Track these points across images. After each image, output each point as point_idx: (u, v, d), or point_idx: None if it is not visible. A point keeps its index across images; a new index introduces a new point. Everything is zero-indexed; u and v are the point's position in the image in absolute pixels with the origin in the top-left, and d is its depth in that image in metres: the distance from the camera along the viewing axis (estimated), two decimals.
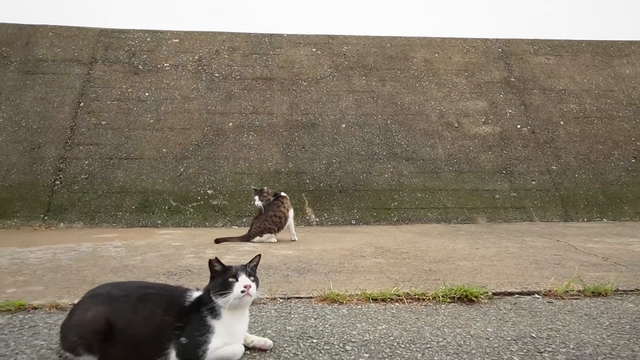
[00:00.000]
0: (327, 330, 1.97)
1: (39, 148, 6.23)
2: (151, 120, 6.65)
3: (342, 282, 2.80)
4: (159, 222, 5.69)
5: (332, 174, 6.43)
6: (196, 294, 1.70)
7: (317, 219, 5.95)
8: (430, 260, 3.43)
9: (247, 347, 1.70)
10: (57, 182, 5.96)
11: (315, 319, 2.16)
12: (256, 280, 1.68)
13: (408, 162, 6.62)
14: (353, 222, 5.97)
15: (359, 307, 2.35)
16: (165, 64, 7.24)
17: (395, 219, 6.03)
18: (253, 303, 2.35)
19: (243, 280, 1.61)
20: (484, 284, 2.66)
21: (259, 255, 1.77)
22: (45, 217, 5.62)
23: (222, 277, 1.63)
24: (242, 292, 1.59)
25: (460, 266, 3.23)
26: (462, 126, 7.06)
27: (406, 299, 2.44)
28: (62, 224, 5.56)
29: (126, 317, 1.61)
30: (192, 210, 5.89)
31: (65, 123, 6.48)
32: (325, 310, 2.28)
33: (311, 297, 2.48)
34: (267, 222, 4.39)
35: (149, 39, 7.49)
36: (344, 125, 6.91)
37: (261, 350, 1.73)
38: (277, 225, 4.40)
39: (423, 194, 6.34)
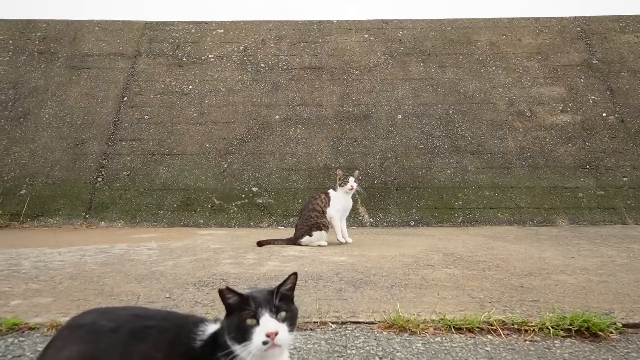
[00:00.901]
0: None
1: (82, 144, 6.04)
2: (194, 114, 6.31)
3: (410, 300, 2.21)
4: (201, 221, 5.31)
5: (387, 169, 5.81)
6: (212, 329, 1.18)
7: (371, 220, 5.36)
8: (518, 273, 2.75)
9: None
10: (99, 179, 5.73)
11: (381, 358, 1.58)
12: (290, 317, 1.12)
13: (473, 156, 5.88)
14: (411, 223, 5.32)
15: (439, 339, 1.75)
16: (209, 56, 6.90)
17: (459, 220, 5.33)
18: (297, 328, 1.83)
19: (266, 324, 1.06)
20: (606, 310, 1.98)
21: (295, 275, 1.21)
22: (87, 216, 5.38)
23: (237, 316, 1.09)
24: (265, 343, 1.04)
25: (560, 282, 2.54)
26: (536, 115, 6.21)
27: (501, 328, 1.82)
28: (102, 222, 5.30)
29: None
30: (235, 209, 5.47)
31: (108, 118, 6.27)
32: (394, 344, 1.70)
33: (373, 323, 1.91)
34: (312, 218, 3.87)
35: (193, 30, 7.18)
36: (400, 116, 6.26)
37: None
38: (322, 219, 3.87)
39: (492, 192, 5.58)
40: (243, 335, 1.05)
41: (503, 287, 2.43)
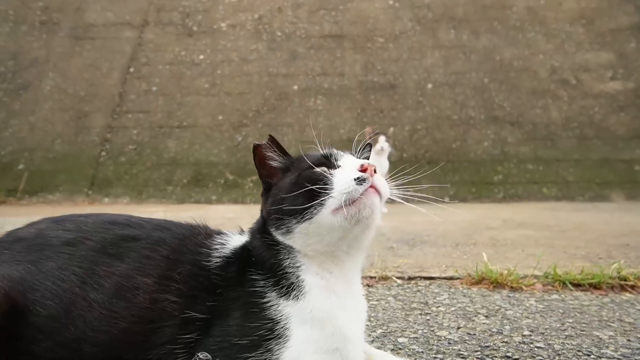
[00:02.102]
0: (537, 344, 0.87)
1: (85, 117, 5.58)
2: (206, 85, 5.82)
3: (489, 257, 1.67)
4: (214, 197, 4.82)
5: (417, 142, 5.26)
6: (235, 242, 0.68)
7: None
8: (610, 234, 2.20)
9: None
10: (103, 154, 5.26)
11: (487, 316, 1.05)
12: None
13: (513, 127, 5.30)
14: (446, 199, 4.76)
15: (556, 297, 1.21)
16: (222, 24, 6.40)
17: (500, 196, 4.76)
18: None
19: (353, 160, 0.70)
20: None
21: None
22: (89, 192, 4.92)
23: (295, 172, 0.62)
24: (361, 181, 0.62)
25: None
26: (582, 83, 5.61)
27: None
28: (106, 199, 4.83)
29: (61, 293, 0.62)
30: (251, 184, 4.96)
31: (113, 90, 5.80)
32: (496, 301, 1.17)
33: (453, 278, 1.39)
34: None
35: None
36: (430, 86, 5.70)
37: None
38: None
39: (535, 165, 5.00)
40: (312, 192, 0.59)
41: (604, 245, 1.88)
